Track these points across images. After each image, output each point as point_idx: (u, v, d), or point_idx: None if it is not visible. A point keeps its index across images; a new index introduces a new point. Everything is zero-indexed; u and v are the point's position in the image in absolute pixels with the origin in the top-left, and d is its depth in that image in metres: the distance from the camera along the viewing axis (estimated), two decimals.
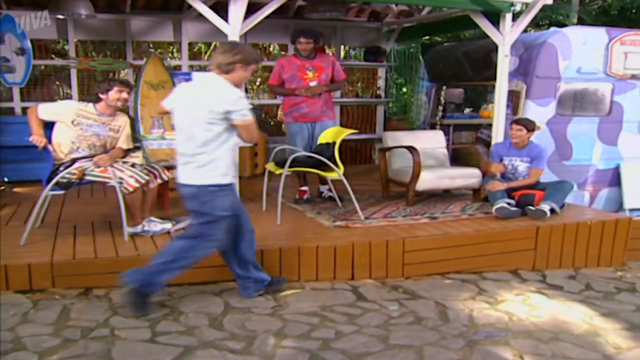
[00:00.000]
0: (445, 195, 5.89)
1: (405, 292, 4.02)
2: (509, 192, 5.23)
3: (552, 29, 6.75)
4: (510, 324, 3.50)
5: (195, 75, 4.62)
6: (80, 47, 7.69)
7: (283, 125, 5.60)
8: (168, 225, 4.27)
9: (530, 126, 5.32)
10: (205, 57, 9.54)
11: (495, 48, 5.95)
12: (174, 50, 8.14)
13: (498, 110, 6.10)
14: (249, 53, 3.28)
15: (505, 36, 5.93)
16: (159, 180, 4.48)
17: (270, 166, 5.05)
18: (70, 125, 4.23)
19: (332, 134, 5.12)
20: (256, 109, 7.50)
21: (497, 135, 6.11)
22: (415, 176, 5.34)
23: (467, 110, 8.18)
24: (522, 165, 5.37)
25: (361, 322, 3.42)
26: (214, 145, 3.19)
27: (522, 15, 5.85)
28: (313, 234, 4.42)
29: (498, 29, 5.93)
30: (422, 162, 5.33)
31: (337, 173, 4.80)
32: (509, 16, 5.88)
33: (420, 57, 8.30)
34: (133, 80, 7.28)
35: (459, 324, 3.44)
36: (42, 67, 8.02)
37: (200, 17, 5.21)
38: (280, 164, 4.92)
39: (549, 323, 3.54)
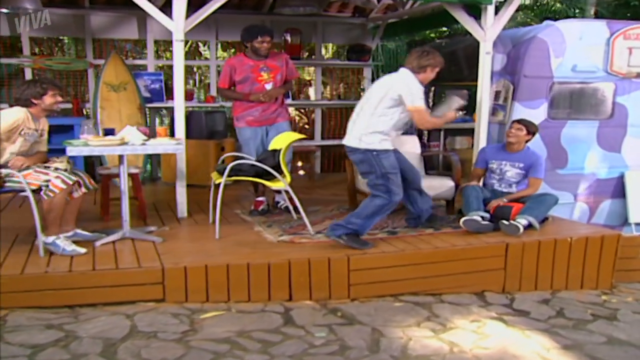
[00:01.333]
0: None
1: (344, 316, 3.78)
2: (486, 204, 4.97)
3: (545, 22, 6.44)
4: (449, 357, 3.23)
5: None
6: (43, 45, 7.61)
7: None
8: (82, 250, 4.05)
9: (531, 128, 5.14)
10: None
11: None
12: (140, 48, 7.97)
13: (480, 114, 5.85)
14: (438, 59, 4.36)
15: (487, 31, 5.71)
16: (84, 190, 4.31)
17: (215, 175, 4.85)
18: (18, 135, 4.09)
19: (283, 140, 4.91)
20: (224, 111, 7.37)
21: (479, 141, 5.87)
22: (353, 190, 5.16)
23: (460, 114, 7.87)
24: (511, 171, 5.15)
25: (275, 352, 3.18)
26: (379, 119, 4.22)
27: (504, 8, 5.60)
28: (250, 250, 4.24)
29: (480, 23, 5.69)
30: None
31: (282, 183, 4.59)
32: (490, 9, 5.66)
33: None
34: (93, 81, 7.15)
35: (386, 355, 3.18)
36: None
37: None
38: (231, 171, 4.71)
39: (494, 356, 3.26)
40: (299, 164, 8.11)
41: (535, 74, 6.10)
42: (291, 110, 9.26)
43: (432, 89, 7.75)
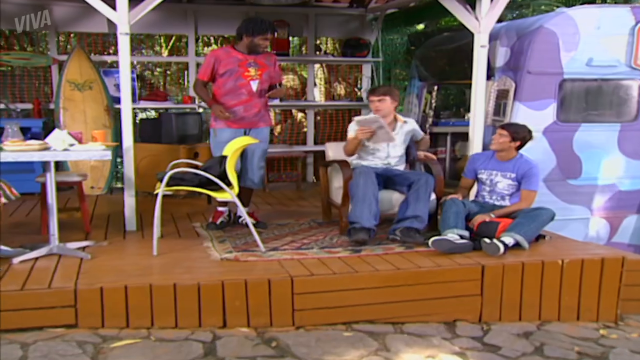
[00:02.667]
0: (388, 222, 5.39)
1: (278, 346, 3.60)
2: (467, 220, 4.74)
3: (559, 9, 6.16)
4: None
5: None
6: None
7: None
8: None
9: (516, 134, 4.91)
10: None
11: None
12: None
13: (474, 115, 5.63)
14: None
15: (481, 21, 5.48)
16: (4, 200, 4.24)
17: (158, 184, 4.72)
18: None
19: (233, 145, 4.78)
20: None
21: (474, 147, 5.63)
22: (345, 201, 4.95)
23: (468, 115, 7.63)
24: (503, 182, 4.95)
25: None
26: None
27: None
28: (184, 269, 4.10)
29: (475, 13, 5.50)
30: None
31: (228, 194, 4.45)
32: None
33: (410, 51, 7.83)
34: (57, 78, 7.12)
35: None
36: None
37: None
38: (172, 180, 4.58)
39: None
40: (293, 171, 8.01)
41: (541, 69, 5.87)
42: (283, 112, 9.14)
43: (436, 87, 7.50)
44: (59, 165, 6.72)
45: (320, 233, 5.12)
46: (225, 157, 4.58)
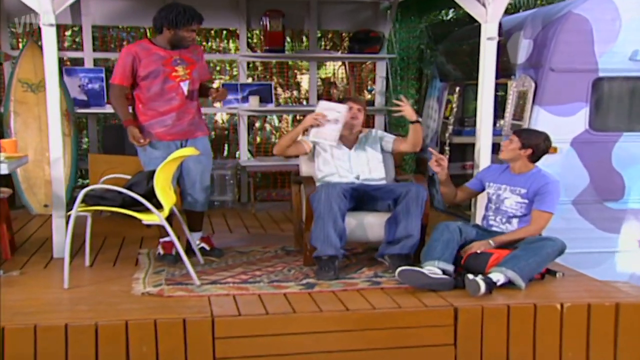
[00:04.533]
0: (371, 251, 5.30)
1: None
2: (459, 251, 4.52)
3: None
4: None
5: None
6: None
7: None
8: None
9: (527, 140, 4.70)
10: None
11: None
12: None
13: (481, 122, 5.43)
14: None
15: (488, 7, 5.28)
16: None
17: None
18: None
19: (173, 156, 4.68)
20: None
21: (480, 158, 5.44)
22: (308, 224, 4.82)
23: (500, 123, 7.35)
24: (511, 199, 4.74)
25: None
26: None
27: None
28: (90, 306, 4.02)
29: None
30: None
31: (155, 216, 4.34)
32: None
33: (430, 45, 7.60)
34: (8, 76, 7.20)
35: None
36: None
37: None
38: (90, 199, 4.51)
39: None
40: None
41: (569, 66, 5.68)
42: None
43: (458, 89, 7.27)
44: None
45: (281, 263, 5.01)
46: (152, 173, 4.47)
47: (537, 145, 4.68)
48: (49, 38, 4.93)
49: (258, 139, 9.71)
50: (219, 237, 5.88)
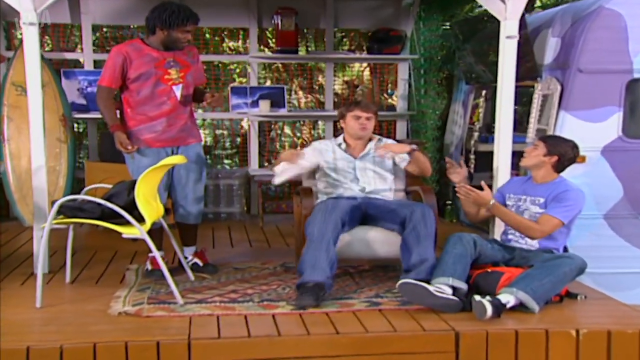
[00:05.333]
0: (378, 269, 5.28)
1: None
2: (473, 266, 4.45)
3: None
4: None
5: None
6: None
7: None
8: None
9: (553, 147, 4.63)
10: None
11: None
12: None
13: (499, 130, 5.34)
14: None
15: (508, 4, 5.21)
16: None
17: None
18: None
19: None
20: None
21: (499, 167, 5.36)
22: (303, 238, 4.80)
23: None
24: (531, 209, 4.68)
25: None
26: None
27: None
28: (58, 327, 4.00)
29: None
30: None
31: (135, 229, 4.31)
32: None
33: (457, 45, 7.49)
34: (2, 79, 7.26)
35: None
36: None
37: None
38: (67, 210, 4.50)
39: None
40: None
41: (599, 66, 5.60)
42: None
43: (484, 92, 7.16)
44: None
45: (277, 281, 4.98)
46: (134, 183, 4.44)
47: (564, 153, 4.59)
48: (30, 37, 4.97)
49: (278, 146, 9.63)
50: (218, 252, 5.92)
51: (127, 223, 4.38)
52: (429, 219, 4.63)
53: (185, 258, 5.23)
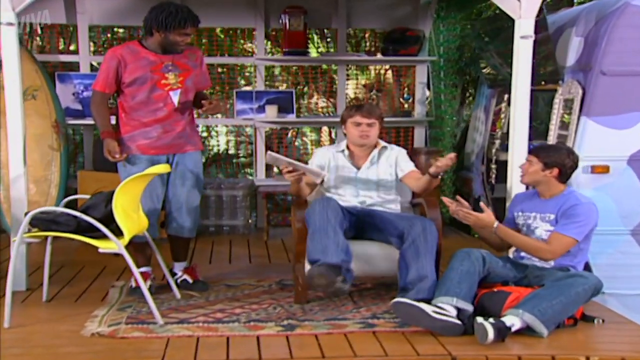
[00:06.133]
0: (380, 287, 5.25)
1: None
2: (480, 285, 4.38)
3: None
4: None
5: None
6: None
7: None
8: None
9: (548, 158, 4.55)
10: None
11: None
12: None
13: (513, 138, 5.27)
14: None
15: (522, 1, 5.16)
16: None
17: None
18: None
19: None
20: None
21: (513, 177, 5.28)
22: (299, 255, 4.81)
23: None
24: (541, 227, 4.61)
25: None
26: None
27: None
28: (23, 350, 4.00)
29: None
30: None
31: (113, 244, 4.30)
32: None
33: (480, 45, 7.44)
34: None
35: None
36: None
37: None
38: (40, 223, 4.51)
39: None
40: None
41: (625, 68, 5.56)
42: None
43: (507, 97, 7.08)
44: None
45: (270, 300, 4.95)
46: (112, 194, 4.43)
47: (563, 163, 4.51)
48: (8, 39, 4.98)
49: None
50: (214, 268, 5.92)
51: (104, 237, 4.38)
52: (430, 234, 4.55)
53: (174, 274, 5.22)
